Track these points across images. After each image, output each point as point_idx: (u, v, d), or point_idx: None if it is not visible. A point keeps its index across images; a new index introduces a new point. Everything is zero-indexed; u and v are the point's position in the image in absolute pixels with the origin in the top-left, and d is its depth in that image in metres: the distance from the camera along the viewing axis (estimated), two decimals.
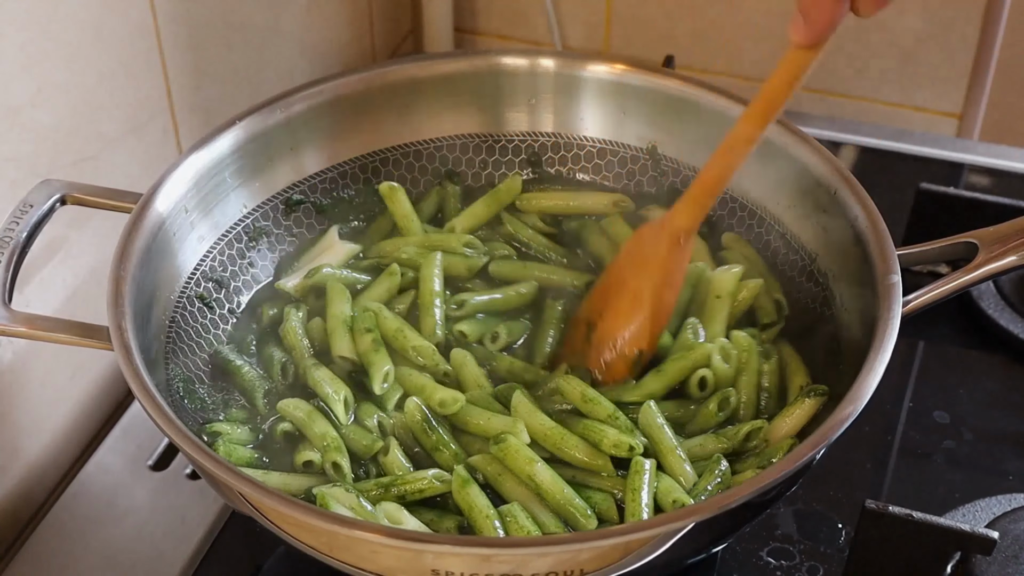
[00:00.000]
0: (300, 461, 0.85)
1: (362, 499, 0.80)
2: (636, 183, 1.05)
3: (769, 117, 0.83)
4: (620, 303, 0.90)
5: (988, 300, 1.12)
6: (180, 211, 0.92)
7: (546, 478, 0.81)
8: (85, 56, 0.97)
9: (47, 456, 1.03)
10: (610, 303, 0.90)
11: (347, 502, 0.79)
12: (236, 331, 0.96)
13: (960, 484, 0.97)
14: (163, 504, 0.98)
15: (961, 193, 1.15)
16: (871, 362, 0.77)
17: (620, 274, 0.91)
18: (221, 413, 0.90)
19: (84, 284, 1.02)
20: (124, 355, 0.78)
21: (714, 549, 0.88)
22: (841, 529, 0.94)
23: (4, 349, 0.96)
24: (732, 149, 0.85)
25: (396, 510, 0.80)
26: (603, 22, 1.48)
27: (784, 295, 0.96)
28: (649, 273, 0.89)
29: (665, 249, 0.88)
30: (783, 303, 0.95)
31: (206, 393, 0.90)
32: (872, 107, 1.44)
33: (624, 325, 0.89)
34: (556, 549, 0.69)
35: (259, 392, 0.90)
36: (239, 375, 0.92)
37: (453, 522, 0.81)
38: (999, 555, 0.87)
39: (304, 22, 1.28)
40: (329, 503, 0.78)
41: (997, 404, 1.05)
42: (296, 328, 0.93)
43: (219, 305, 0.95)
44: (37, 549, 0.95)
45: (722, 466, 0.82)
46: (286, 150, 1.00)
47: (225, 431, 0.87)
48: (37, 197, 0.88)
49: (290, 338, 0.93)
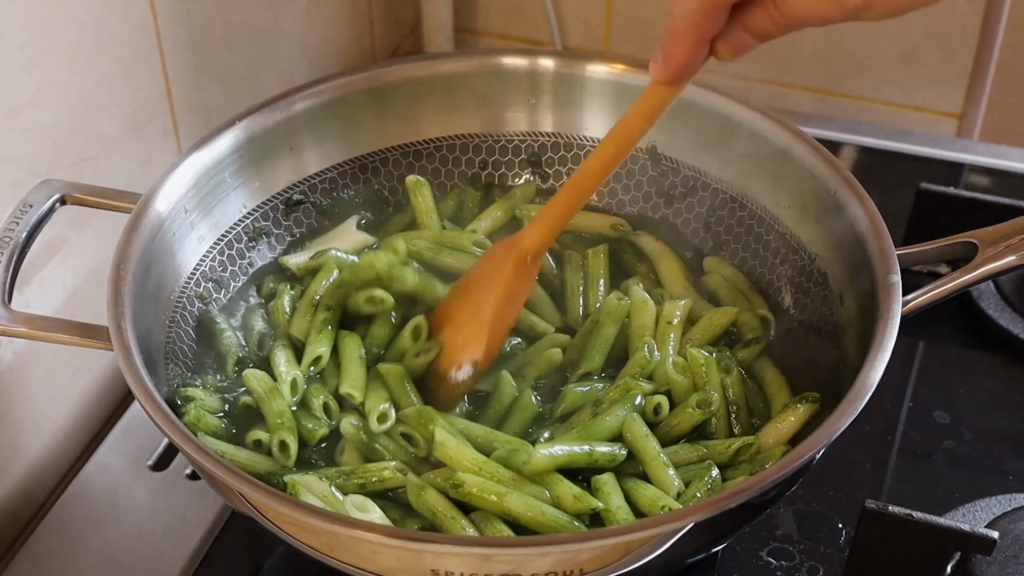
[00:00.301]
0: (250, 440, 0.86)
1: (332, 487, 0.80)
2: (636, 183, 1.05)
3: (625, 149, 0.82)
4: (461, 315, 0.90)
5: (988, 300, 1.12)
6: (180, 211, 0.92)
7: (520, 507, 0.79)
8: (85, 56, 0.97)
9: (47, 456, 1.03)
10: (452, 315, 0.90)
11: (319, 490, 0.79)
12: (234, 297, 0.96)
13: (960, 484, 0.97)
14: (163, 504, 0.98)
15: (961, 193, 1.15)
16: (871, 362, 0.77)
17: (466, 287, 0.91)
18: (198, 379, 0.90)
19: (84, 284, 1.02)
20: (124, 355, 0.78)
21: (714, 549, 0.88)
22: (841, 529, 0.94)
23: (4, 349, 0.96)
24: (587, 177, 0.84)
25: (363, 501, 0.80)
26: (603, 22, 1.48)
27: (788, 295, 0.96)
28: (492, 289, 0.88)
29: (510, 267, 0.88)
30: (769, 319, 0.95)
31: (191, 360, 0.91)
32: (872, 107, 1.44)
33: (462, 338, 0.89)
34: (556, 549, 0.69)
35: (232, 358, 0.91)
36: (219, 338, 0.92)
37: (417, 523, 0.81)
38: (999, 555, 0.87)
39: (304, 22, 1.28)
40: (300, 491, 0.79)
41: (997, 404, 1.05)
42: (284, 306, 0.94)
43: (219, 305, 0.95)
44: (37, 549, 0.95)
45: (712, 473, 0.82)
46: (286, 150, 1.00)
47: (198, 396, 0.87)
48: (37, 197, 0.88)
49: (277, 315, 0.94)
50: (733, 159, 1.00)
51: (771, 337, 0.94)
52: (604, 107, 1.04)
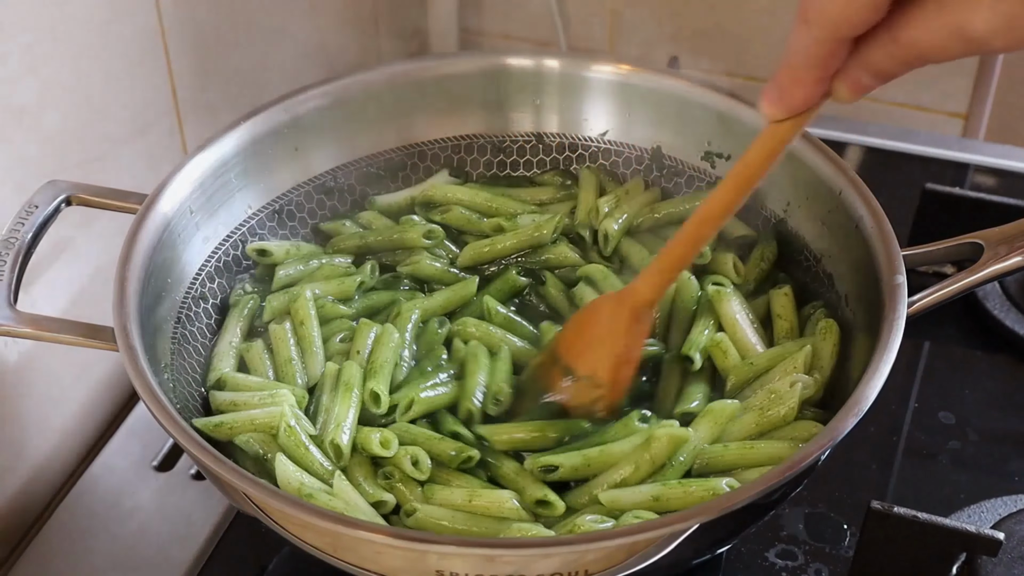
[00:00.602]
0: (212, 380, 0.89)
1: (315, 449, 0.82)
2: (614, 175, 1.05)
3: (745, 192, 0.77)
4: (577, 380, 0.86)
5: (993, 301, 1.12)
6: (185, 212, 0.92)
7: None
8: (91, 57, 0.98)
9: (52, 456, 1.03)
10: (570, 367, 0.87)
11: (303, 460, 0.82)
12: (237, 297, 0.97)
13: (965, 485, 0.97)
14: (168, 504, 0.98)
15: (966, 193, 1.15)
16: (876, 363, 0.77)
17: (574, 345, 0.87)
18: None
19: (89, 285, 1.03)
20: (129, 356, 0.78)
21: (719, 550, 0.88)
22: (846, 530, 0.94)
23: (10, 350, 0.96)
24: (704, 222, 0.79)
25: (351, 490, 0.81)
26: (608, 23, 1.48)
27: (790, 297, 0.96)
28: (608, 348, 0.85)
29: (626, 322, 0.84)
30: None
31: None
32: (877, 107, 1.43)
33: (582, 397, 0.86)
34: (561, 550, 0.69)
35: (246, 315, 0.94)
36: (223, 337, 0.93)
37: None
38: (1004, 556, 0.87)
39: (309, 23, 1.28)
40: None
41: (1002, 405, 1.05)
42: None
43: (223, 306, 0.95)
44: (42, 549, 0.95)
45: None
46: (291, 151, 1.00)
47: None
48: (43, 198, 0.88)
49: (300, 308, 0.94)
50: (737, 159, 1.00)
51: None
52: (609, 108, 1.04)
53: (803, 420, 0.84)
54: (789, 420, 0.83)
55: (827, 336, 0.88)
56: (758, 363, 0.88)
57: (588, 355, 0.86)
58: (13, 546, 0.98)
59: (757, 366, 0.88)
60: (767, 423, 0.83)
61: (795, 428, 0.83)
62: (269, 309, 0.94)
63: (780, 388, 0.84)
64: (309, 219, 1.02)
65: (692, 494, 0.78)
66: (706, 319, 0.91)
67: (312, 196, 1.02)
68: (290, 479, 0.80)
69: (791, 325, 0.91)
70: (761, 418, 0.83)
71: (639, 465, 0.81)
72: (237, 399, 0.87)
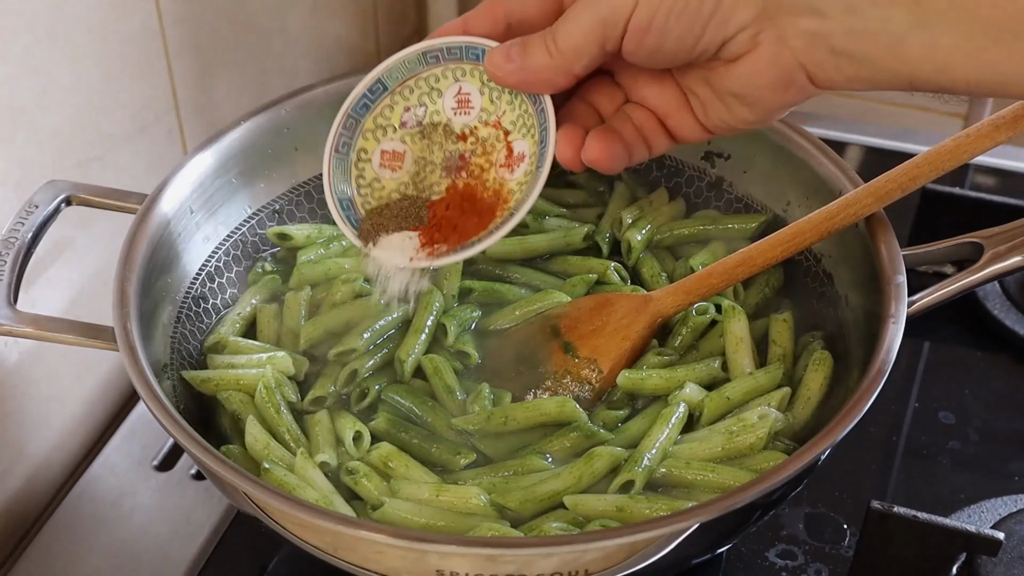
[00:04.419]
0: (210, 342, 0.91)
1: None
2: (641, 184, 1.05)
3: (792, 252, 0.86)
4: (577, 360, 0.89)
5: (993, 300, 1.12)
6: (185, 212, 0.92)
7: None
8: (91, 57, 0.98)
9: (53, 456, 1.03)
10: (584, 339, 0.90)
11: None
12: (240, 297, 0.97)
13: (966, 485, 0.97)
14: (168, 504, 0.98)
15: (966, 193, 1.15)
16: (876, 363, 0.77)
17: (580, 326, 0.90)
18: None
19: (89, 285, 1.03)
20: (129, 356, 0.78)
21: (719, 550, 0.88)
22: (846, 530, 0.94)
23: (10, 350, 0.96)
24: (744, 264, 0.87)
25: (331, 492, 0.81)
26: None
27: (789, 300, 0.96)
28: (621, 338, 0.88)
29: (642, 327, 0.88)
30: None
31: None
32: (877, 107, 1.43)
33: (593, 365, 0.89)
34: (561, 550, 0.69)
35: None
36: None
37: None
38: (1004, 556, 0.87)
39: (309, 23, 1.28)
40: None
41: (1003, 404, 1.05)
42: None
43: (224, 306, 0.95)
44: (43, 549, 0.95)
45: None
46: (291, 151, 1.00)
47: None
48: (42, 198, 0.88)
49: None
50: (738, 159, 1.00)
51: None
52: None
53: (772, 451, 0.83)
54: (757, 449, 0.83)
55: (819, 368, 0.87)
56: (734, 397, 0.87)
57: (594, 340, 0.89)
58: (13, 546, 0.98)
59: (733, 400, 0.87)
60: (734, 448, 0.83)
61: (764, 457, 0.82)
62: (297, 276, 0.96)
63: (749, 418, 0.84)
64: (309, 219, 1.02)
65: (655, 508, 0.79)
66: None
67: (312, 196, 1.01)
68: (256, 439, 0.82)
69: (784, 352, 0.91)
70: (728, 443, 0.83)
71: (581, 477, 0.82)
72: (235, 360, 0.89)
